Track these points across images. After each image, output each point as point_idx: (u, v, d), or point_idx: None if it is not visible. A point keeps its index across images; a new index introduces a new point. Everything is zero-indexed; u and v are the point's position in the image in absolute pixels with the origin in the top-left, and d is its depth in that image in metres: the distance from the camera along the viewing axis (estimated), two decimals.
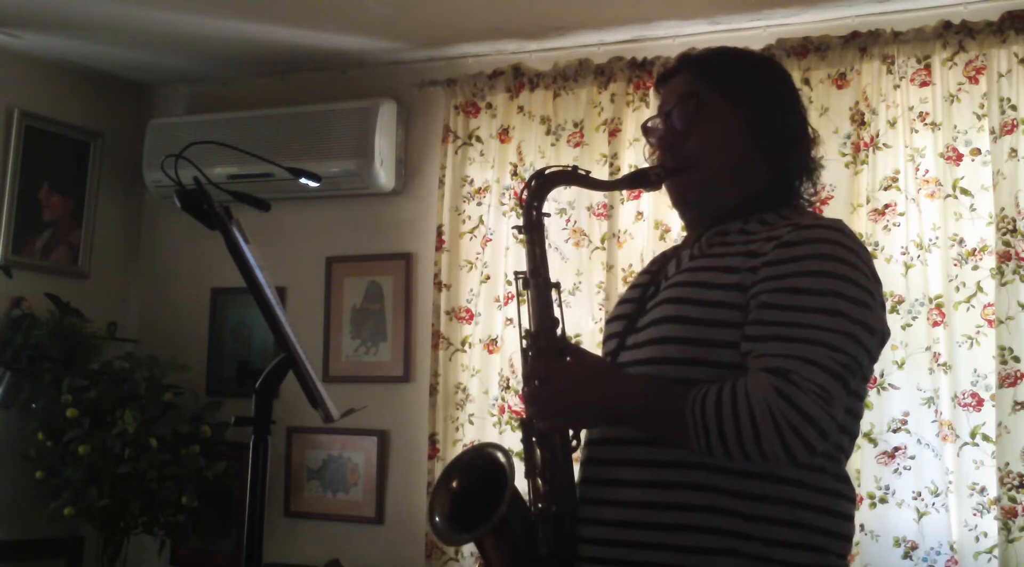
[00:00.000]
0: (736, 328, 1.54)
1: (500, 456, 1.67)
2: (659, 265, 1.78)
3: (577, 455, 1.69)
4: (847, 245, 1.57)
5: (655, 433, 1.56)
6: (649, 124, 1.78)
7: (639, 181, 1.75)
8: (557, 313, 1.69)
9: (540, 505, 1.64)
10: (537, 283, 1.70)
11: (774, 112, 1.70)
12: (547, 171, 1.74)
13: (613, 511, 1.58)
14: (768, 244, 1.56)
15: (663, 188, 1.75)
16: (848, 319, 1.51)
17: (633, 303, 1.72)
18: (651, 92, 3.59)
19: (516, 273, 1.75)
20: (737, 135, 1.68)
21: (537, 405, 1.63)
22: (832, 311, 1.50)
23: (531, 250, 1.72)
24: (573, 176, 1.75)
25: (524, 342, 1.70)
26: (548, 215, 1.75)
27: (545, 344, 1.67)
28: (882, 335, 1.60)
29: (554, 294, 1.70)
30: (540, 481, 1.65)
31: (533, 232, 1.72)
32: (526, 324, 1.71)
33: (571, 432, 1.66)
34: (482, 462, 1.71)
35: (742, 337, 1.53)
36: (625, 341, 1.68)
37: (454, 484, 1.70)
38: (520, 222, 1.74)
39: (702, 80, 1.70)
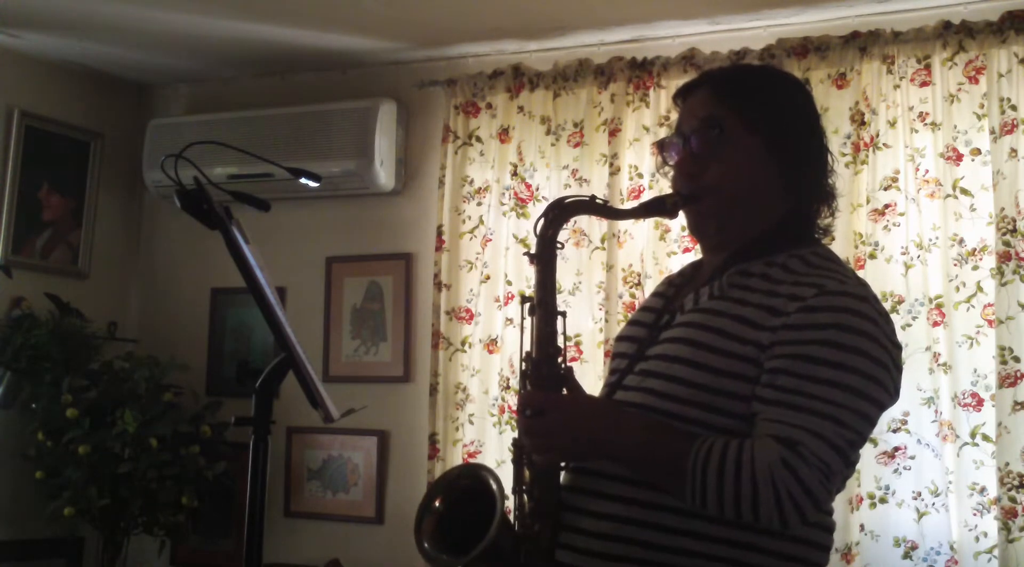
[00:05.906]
0: (746, 381, 1.54)
1: (488, 478, 1.68)
2: (674, 290, 1.77)
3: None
4: (869, 316, 1.56)
5: (647, 477, 1.56)
6: (667, 141, 1.75)
7: (656, 209, 1.73)
8: (560, 342, 1.69)
9: (525, 523, 1.66)
10: (544, 312, 1.69)
11: (797, 142, 1.68)
12: (566, 201, 1.72)
13: (592, 522, 1.59)
14: (792, 303, 1.55)
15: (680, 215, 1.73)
16: (860, 396, 1.52)
17: (645, 328, 1.73)
18: (651, 92, 3.59)
19: (523, 297, 1.74)
20: (758, 164, 1.66)
21: (531, 437, 1.62)
22: (846, 386, 1.51)
23: (541, 278, 1.71)
24: (591, 206, 1.74)
25: (524, 365, 1.70)
26: (562, 245, 1.74)
27: (545, 373, 1.68)
28: (888, 405, 1.60)
29: (559, 322, 1.69)
30: (526, 498, 1.67)
31: (545, 261, 1.71)
32: (528, 347, 1.70)
33: None
34: (467, 482, 1.72)
35: (753, 395, 1.54)
36: (633, 366, 1.67)
37: (437, 504, 1.71)
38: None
39: (724, 104, 1.67)
